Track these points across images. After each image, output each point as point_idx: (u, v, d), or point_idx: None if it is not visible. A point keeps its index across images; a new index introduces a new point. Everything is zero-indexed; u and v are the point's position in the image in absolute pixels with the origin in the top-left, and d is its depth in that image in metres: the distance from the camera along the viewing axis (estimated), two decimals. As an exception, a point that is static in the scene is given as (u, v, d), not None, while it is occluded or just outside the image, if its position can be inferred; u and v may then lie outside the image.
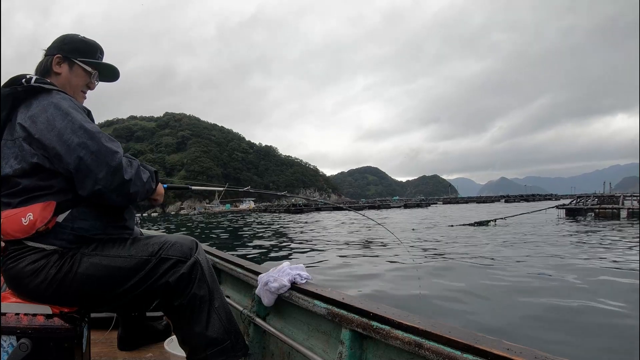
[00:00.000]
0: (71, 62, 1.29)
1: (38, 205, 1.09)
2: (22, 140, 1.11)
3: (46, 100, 1.13)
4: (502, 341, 0.81)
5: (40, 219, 1.08)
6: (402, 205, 65.05)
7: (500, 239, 12.43)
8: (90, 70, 1.32)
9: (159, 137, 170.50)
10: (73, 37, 1.33)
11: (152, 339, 1.85)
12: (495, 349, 0.77)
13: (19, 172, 1.11)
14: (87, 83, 1.34)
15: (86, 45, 1.33)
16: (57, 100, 1.13)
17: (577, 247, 9.96)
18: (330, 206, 53.26)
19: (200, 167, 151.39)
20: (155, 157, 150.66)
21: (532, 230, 15.30)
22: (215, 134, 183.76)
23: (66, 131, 1.07)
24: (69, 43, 1.30)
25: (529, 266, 7.32)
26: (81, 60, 1.30)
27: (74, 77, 1.30)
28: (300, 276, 1.45)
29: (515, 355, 0.74)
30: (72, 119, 1.09)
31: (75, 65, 1.30)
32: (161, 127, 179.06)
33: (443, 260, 8.19)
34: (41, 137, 1.08)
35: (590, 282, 5.84)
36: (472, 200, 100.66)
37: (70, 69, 1.29)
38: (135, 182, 1.13)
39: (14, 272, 1.11)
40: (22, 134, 1.11)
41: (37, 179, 1.11)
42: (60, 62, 1.29)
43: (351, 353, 1.12)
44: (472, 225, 17.98)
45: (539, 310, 4.41)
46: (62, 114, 1.10)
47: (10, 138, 1.15)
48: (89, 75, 1.33)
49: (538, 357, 0.74)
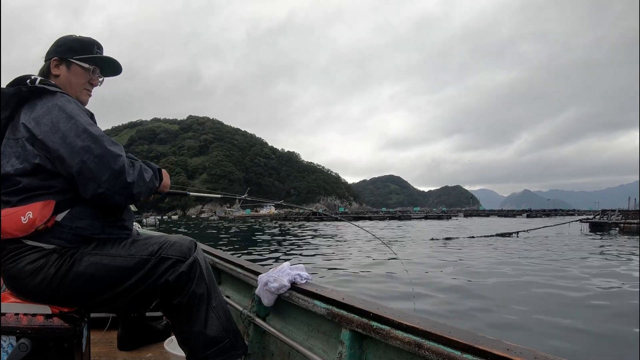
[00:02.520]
0: (68, 62, 1.29)
1: (38, 204, 1.09)
2: (25, 141, 1.12)
3: (50, 102, 1.14)
4: (502, 341, 0.80)
5: (40, 218, 1.08)
6: (422, 217, 64.25)
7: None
8: (88, 66, 1.32)
9: (181, 139, 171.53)
10: (67, 37, 1.33)
11: (152, 339, 1.85)
12: (495, 349, 0.77)
13: (20, 171, 1.11)
14: (88, 80, 1.33)
15: (81, 43, 1.32)
16: (62, 103, 1.14)
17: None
18: (352, 216, 53.11)
19: (222, 171, 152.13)
20: (178, 159, 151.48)
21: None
22: (238, 139, 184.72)
23: (70, 134, 1.08)
24: (63, 44, 1.31)
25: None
26: (77, 58, 1.30)
27: (73, 76, 1.30)
28: (300, 276, 1.44)
29: (515, 355, 0.74)
30: (76, 121, 1.10)
31: (73, 65, 1.30)
32: (184, 130, 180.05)
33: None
34: (45, 138, 1.09)
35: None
36: (493, 213, 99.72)
37: (68, 69, 1.30)
38: (138, 182, 1.15)
39: (13, 271, 1.11)
40: (26, 135, 1.12)
41: (38, 178, 1.12)
42: (58, 64, 1.29)
43: (351, 353, 1.12)
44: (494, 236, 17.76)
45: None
46: (67, 117, 1.10)
47: (13, 137, 1.15)
48: (88, 72, 1.32)
49: (538, 357, 0.73)
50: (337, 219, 4.34)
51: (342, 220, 26.44)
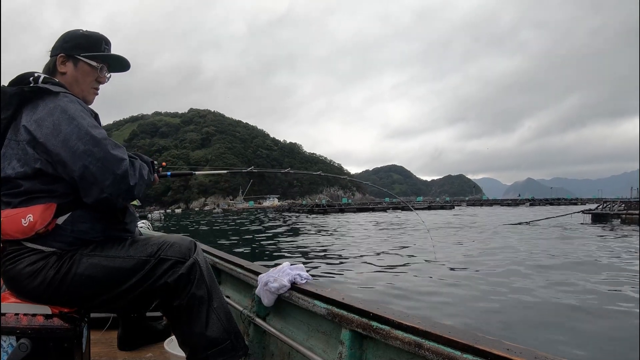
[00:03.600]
0: (75, 59, 1.25)
1: (39, 207, 1.08)
2: (25, 144, 1.09)
3: (53, 102, 1.10)
4: (502, 341, 0.80)
5: (41, 221, 1.07)
6: (426, 207, 63.22)
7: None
8: (96, 64, 1.28)
9: (183, 133, 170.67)
10: (74, 33, 1.28)
11: (152, 339, 1.84)
12: (495, 349, 0.77)
13: (21, 175, 1.10)
14: (95, 78, 1.29)
15: (88, 39, 1.27)
16: (64, 104, 1.10)
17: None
18: (355, 207, 52.21)
19: (225, 164, 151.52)
20: (180, 152, 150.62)
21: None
22: (239, 131, 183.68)
23: (72, 137, 1.05)
24: (69, 40, 1.26)
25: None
26: (85, 55, 1.26)
27: (80, 74, 1.26)
28: (300, 276, 1.44)
29: (515, 355, 0.74)
30: (78, 124, 1.07)
31: (80, 62, 1.26)
32: (186, 123, 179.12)
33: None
34: (46, 141, 1.06)
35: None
36: (496, 202, 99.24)
37: (75, 67, 1.25)
38: (139, 183, 1.14)
39: (13, 273, 1.11)
40: (27, 137, 1.09)
41: (39, 182, 1.10)
42: (64, 61, 1.25)
43: (351, 353, 1.12)
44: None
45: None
46: (69, 119, 1.07)
47: (15, 139, 1.13)
48: (96, 70, 1.28)
49: (538, 357, 0.73)
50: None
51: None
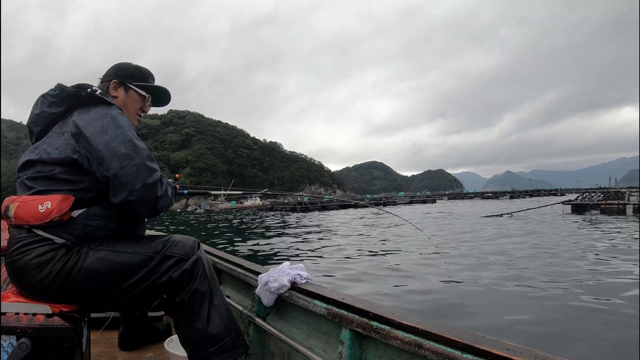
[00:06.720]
0: (126, 87, 1.38)
1: (57, 196, 1.12)
2: (70, 135, 1.16)
3: (105, 110, 1.20)
4: (502, 341, 0.80)
5: (57, 210, 1.10)
6: (407, 202, 64.22)
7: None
8: (145, 94, 1.41)
9: (163, 134, 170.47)
10: (127, 65, 1.42)
11: (153, 339, 1.85)
12: (495, 349, 0.76)
13: (55, 160, 1.15)
14: (141, 107, 1.42)
15: (140, 71, 1.42)
16: (115, 113, 1.20)
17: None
18: (337, 205, 52.74)
19: (205, 164, 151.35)
20: (160, 154, 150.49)
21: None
22: (219, 131, 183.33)
23: (116, 140, 1.13)
24: (123, 70, 1.40)
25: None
26: (136, 84, 1.39)
27: (130, 100, 1.39)
28: (300, 276, 1.44)
29: (515, 355, 0.73)
30: (124, 131, 1.16)
31: (131, 90, 1.39)
32: (165, 124, 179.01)
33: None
34: (91, 137, 1.14)
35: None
36: (477, 195, 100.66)
37: (126, 93, 1.38)
38: (163, 198, 1.19)
39: (20, 264, 1.11)
40: (73, 130, 1.16)
41: (68, 172, 1.15)
42: (117, 87, 1.37)
43: (351, 353, 1.12)
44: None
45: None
46: (117, 126, 1.16)
47: (59, 131, 1.19)
48: (143, 99, 1.42)
49: (538, 357, 0.73)
50: (356, 205, 4.27)
51: (366, 207, 24.17)
